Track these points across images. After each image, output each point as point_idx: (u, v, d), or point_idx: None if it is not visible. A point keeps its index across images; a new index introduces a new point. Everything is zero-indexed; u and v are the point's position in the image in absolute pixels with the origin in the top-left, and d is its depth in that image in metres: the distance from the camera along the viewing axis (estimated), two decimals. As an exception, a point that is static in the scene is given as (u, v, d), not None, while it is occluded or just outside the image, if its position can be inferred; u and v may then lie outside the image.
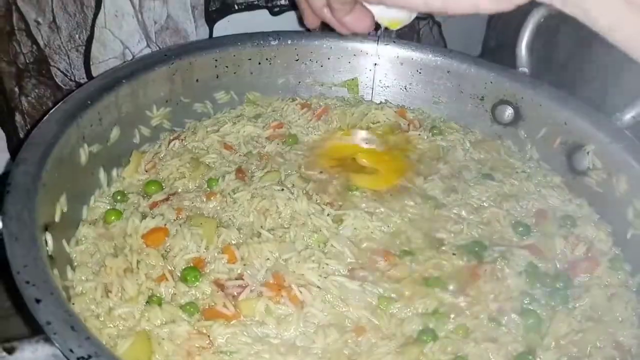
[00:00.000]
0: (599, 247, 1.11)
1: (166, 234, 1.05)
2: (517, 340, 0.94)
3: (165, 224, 1.06)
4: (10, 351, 0.70)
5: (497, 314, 0.97)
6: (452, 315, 0.97)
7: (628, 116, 1.20)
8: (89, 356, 0.69)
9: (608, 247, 1.12)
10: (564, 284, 1.04)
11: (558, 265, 1.08)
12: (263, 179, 1.19)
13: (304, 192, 1.17)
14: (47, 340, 0.72)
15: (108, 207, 1.11)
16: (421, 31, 1.87)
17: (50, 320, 0.72)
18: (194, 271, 0.98)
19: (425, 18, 1.85)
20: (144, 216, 1.08)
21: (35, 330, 0.73)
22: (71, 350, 0.69)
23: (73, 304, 0.92)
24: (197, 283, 0.98)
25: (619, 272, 1.08)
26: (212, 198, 1.14)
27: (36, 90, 1.30)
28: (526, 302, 1.00)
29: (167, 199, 1.13)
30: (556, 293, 1.02)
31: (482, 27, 2.00)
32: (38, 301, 0.74)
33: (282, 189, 1.15)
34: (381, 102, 1.46)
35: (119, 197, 1.13)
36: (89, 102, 1.10)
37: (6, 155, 1.35)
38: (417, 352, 0.91)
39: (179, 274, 0.99)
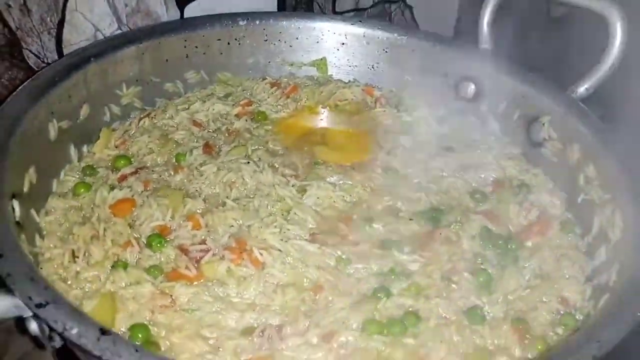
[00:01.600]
0: (552, 212, 1.16)
1: (133, 205, 1.09)
2: (466, 297, 0.98)
3: (132, 196, 1.10)
4: (-28, 304, 0.74)
5: (450, 273, 1.01)
6: (407, 275, 1.01)
7: (582, 88, 1.25)
8: (47, 302, 0.73)
9: (560, 211, 1.16)
10: (515, 245, 1.08)
11: (511, 229, 1.13)
12: (230, 153, 1.23)
13: (270, 165, 1.21)
14: (9, 292, 0.75)
15: (78, 181, 1.14)
16: (393, 14, 1.91)
17: (11, 272, 0.76)
18: (158, 237, 1.02)
19: (397, 1, 1.88)
20: (112, 188, 1.11)
21: (-1, 285, 0.77)
22: (30, 298, 0.73)
23: (41, 268, 0.95)
24: (162, 248, 1.01)
25: (569, 235, 1.12)
26: (179, 171, 1.17)
27: (9, 73, 1.33)
28: (478, 262, 1.05)
29: (135, 172, 1.16)
30: (507, 254, 1.06)
31: (454, 10, 2.04)
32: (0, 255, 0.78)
33: (248, 162, 1.19)
34: (349, 81, 1.50)
35: (88, 172, 1.17)
36: (57, 79, 1.14)
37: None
38: (371, 308, 0.95)
39: (144, 241, 1.03)
